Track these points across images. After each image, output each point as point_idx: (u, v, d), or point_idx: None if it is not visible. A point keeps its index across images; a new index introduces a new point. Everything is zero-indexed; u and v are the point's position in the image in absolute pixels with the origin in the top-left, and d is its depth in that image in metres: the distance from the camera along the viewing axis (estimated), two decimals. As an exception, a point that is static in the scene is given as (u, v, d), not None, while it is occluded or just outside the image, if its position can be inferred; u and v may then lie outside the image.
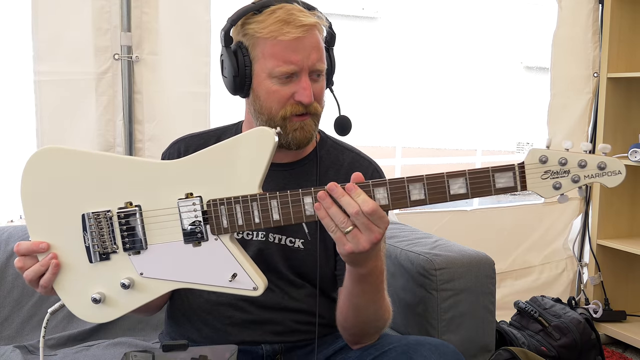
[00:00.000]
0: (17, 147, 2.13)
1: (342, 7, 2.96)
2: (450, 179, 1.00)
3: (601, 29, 2.86)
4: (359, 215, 1.00)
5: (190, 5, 2.11)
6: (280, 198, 1.06)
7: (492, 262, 1.79)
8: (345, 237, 1.02)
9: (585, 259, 3.00)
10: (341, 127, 1.37)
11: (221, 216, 1.08)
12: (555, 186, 0.96)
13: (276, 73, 1.23)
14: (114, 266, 1.12)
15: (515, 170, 0.98)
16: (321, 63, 1.27)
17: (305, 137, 1.28)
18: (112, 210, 1.11)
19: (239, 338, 1.34)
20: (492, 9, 2.94)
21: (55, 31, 1.93)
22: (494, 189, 0.99)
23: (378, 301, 1.24)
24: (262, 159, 1.07)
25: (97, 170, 1.13)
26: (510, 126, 4.19)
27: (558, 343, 2.30)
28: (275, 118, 1.26)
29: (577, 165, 0.95)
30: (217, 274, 1.09)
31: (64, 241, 1.13)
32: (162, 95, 2.10)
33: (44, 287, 1.14)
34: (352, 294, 1.21)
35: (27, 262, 1.14)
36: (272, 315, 1.35)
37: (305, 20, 1.23)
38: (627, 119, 2.89)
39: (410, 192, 1.01)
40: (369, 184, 1.02)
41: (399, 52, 2.83)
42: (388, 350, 1.24)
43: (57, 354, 1.66)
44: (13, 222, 2.18)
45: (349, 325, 1.28)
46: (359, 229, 1.01)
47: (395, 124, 2.91)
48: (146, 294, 1.12)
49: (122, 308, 1.13)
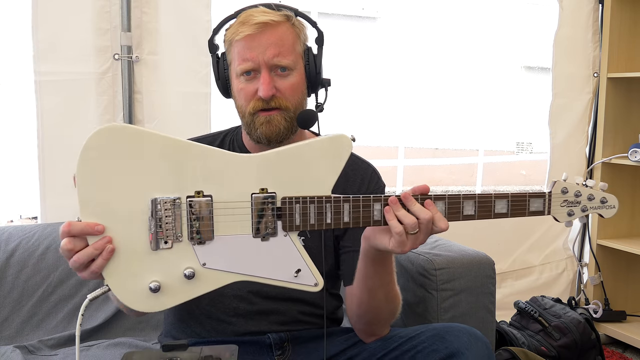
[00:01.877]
0: (17, 147, 2.13)
1: (342, 7, 2.95)
2: (496, 199, 1.14)
3: (601, 29, 2.86)
4: (428, 222, 1.09)
5: (190, 5, 2.11)
6: (352, 202, 1.11)
7: (492, 262, 1.79)
8: (408, 238, 1.10)
9: (585, 259, 3.00)
10: (303, 121, 1.35)
11: (294, 214, 1.10)
12: (569, 213, 1.18)
13: (238, 71, 1.30)
14: (175, 255, 1.09)
15: (546, 198, 1.16)
16: (282, 58, 1.29)
17: (273, 131, 1.31)
18: (181, 197, 1.08)
19: (245, 328, 1.36)
20: (492, 10, 2.93)
21: (55, 31, 1.93)
22: (528, 211, 1.16)
23: (389, 283, 1.29)
24: (337, 164, 1.11)
25: (167, 154, 1.08)
26: (510, 126, 4.19)
27: (558, 343, 2.30)
28: (245, 114, 1.32)
29: (587, 198, 1.18)
30: (282, 269, 1.11)
31: (124, 225, 1.07)
32: (162, 95, 2.11)
33: (94, 272, 1.07)
34: (366, 276, 1.26)
35: (77, 244, 1.05)
36: (277, 306, 1.38)
37: (260, 19, 1.28)
38: (627, 119, 2.90)
39: (463, 207, 1.14)
40: (432, 196, 1.12)
41: (400, 52, 2.82)
42: (415, 336, 1.29)
43: (58, 354, 1.67)
44: (13, 222, 2.18)
45: (363, 311, 1.32)
46: (421, 231, 1.10)
47: (397, 124, 2.90)
48: (206, 284, 1.10)
49: (178, 298, 1.10)
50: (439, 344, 1.25)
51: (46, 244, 1.83)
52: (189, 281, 1.09)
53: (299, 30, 1.34)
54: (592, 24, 2.87)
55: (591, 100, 2.92)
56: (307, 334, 1.40)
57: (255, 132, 1.32)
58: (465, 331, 1.25)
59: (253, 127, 1.32)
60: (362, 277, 1.27)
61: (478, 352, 1.21)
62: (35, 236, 1.84)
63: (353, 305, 1.34)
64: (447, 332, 1.26)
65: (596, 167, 2.90)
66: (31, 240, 1.83)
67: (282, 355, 1.38)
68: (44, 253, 1.81)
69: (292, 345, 1.39)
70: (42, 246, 1.82)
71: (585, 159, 2.96)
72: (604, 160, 2.86)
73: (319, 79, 1.36)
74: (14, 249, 1.80)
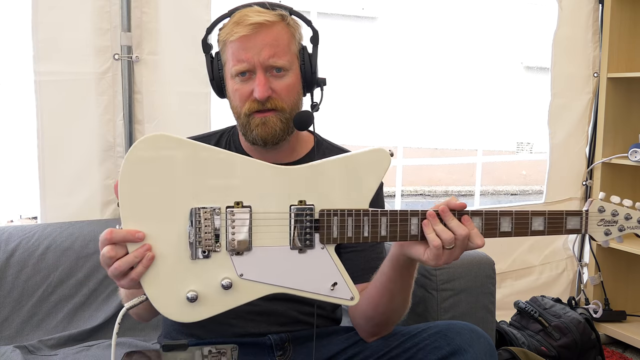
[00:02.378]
0: (17, 147, 2.13)
1: (342, 7, 2.96)
2: (533, 216, 1.14)
3: (601, 29, 2.86)
4: (465, 238, 1.10)
5: (190, 5, 2.11)
6: (390, 215, 1.11)
7: (492, 262, 1.79)
8: (444, 252, 1.10)
9: (585, 259, 3.00)
10: (299, 123, 1.35)
11: (332, 226, 1.10)
12: (606, 233, 1.18)
13: (233, 72, 1.30)
14: (213, 265, 1.09)
15: (583, 216, 1.16)
16: (277, 59, 1.29)
17: (268, 132, 1.31)
18: (221, 207, 1.08)
19: (244, 330, 1.36)
20: (492, 10, 2.94)
21: (55, 31, 1.93)
22: (565, 229, 1.15)
23: (409, 288, 1.29)
24: (375, 179, 1.12)
25: (209, 164, 1.09)
26: (510, 126, 4.20)
27: (558, 343, 2.30)
28: (241, 115, 1.32)
29: (623, 217, 1.18)
30: (319, 281, 1.11)
31: (164, 233, 1.08)
32: (162, 95, 2.10)
33: (133, 280, 1.06)
34: (390, 280, 1.25)
35: (119, 252, 1.05)
36: (276, 306, 1.37)
37: (255, 19, 1.27)
38: (627, 119, 2.90)
39: (500, 224, 1.14)
40: (469, 212, 1.13)
41: (399, 52, 2.83)
42: (417, 334, 1.29)
43: (58, 353, 1.67)
44: (13, 222, 2.18)
45: (378, 314, 1.31)
46: (457, 246, 1.11)
47: (396, 124, 2.91)
48: (243, 295, 1.10)
49: (215, 308, 1.09)
50: (441, 341, 1.25)
51: (46, 244, 1.83)
52: (226, 292, 1.09)
53: (294, 29, 1.33)
54: (592, 23, 2.87)
55: (591, 100, 2.92)
56: (308, 334, 1.39)
57: (251, 133, 1.32)
58: (468, 328, 1.26)
59: (248, 129, 1.32)
60: (386, 280, 1.26)
61: (480, 349, 1.22)
62: (35, 236, 1.84)
63: (365, 307, 1.32)
64: (450, 329, 1.26)
65: (596, 167, 2.90)
66: (31, 240, 1.83)
67: (283, 355, 1.38)
68: (44, 253, 1.82)
69: (293, 345, 1.39)
70: (42, 246, 1.82)
71: (585, 159, 2.97)
72: (604, 160, 2.86)
73: (314, 78, 1.36)
74: (14, 249, 1.80)
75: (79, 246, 1.85)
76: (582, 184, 2.97)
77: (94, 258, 1.85)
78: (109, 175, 2.06)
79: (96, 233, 1.88)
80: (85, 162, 2.02)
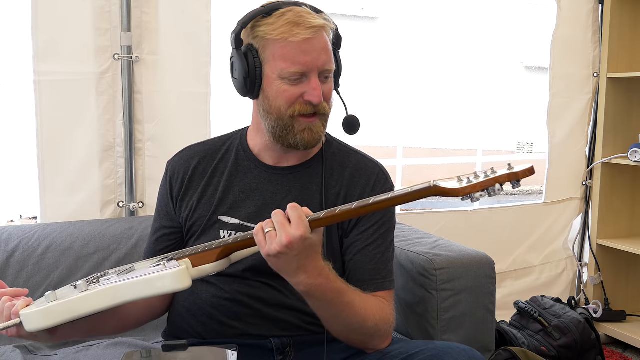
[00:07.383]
0: (17, 147, 2.13)
1: (342, 7, 2.96)
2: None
3: (601, 29, 2.86)
4: (277, 214, 1.08)
5: (191, 5, 2.11)
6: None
7: (492, 262, 1.79)
8: (265, 239, 1.08)
9: (585, 259, 3.00)
10: (350, 126, 1.38)
11: None
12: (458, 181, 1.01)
13: (286, 74, 1.26)
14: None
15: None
16: (330, 64, 1.30)
17: (314, 138, 1.31)
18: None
19: (245, 331, 1.35)
20: (492, 9, 2.94)
21: (55, 31, 1.93)
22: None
23: (341, 315, 1.22)
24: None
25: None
26: (510, 126, 4.20)
27: (558, 343, 2.30)
28: (284, 117, 1.29)
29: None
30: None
31: None
32: (162, 95, 2.10)
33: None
34: (313, 308, 1.22)
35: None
36: (278, 313, 1.36)
37: (314, 22, 1.26)
38: (627, 119, 2.89)
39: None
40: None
41: (399, 52, 2.83)
42: (415, 354, 1.24)
43: (57, 354, 1.67)
44: (13, 222, 2.18)
45: (338, 336, 1.29)
46: (275, 229, 1.07)
47: (396, 124, 2.91)
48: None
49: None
50: None
51: (46, 244, 1.83)
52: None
53: (330, 34, 1.33)
54: (592, 23, 2.87)
55: (591, 100, 2.92)
56: (310, 340, 1.37)
57: (294, 137, 1.30)
58: (465, 353, 1.21)
59: (292, 132, 1.30)
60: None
61: None
62: (35, 236, 1.84)
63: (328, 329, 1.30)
64: (447, 353, 1.21)
65: (596, 167, 2.90)
66: (31, 240, 1.83)
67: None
68: (44, 253, 1.81)
69: (294, 350, 1.37)
70: (42, 246, 1.82)
71: (585, 159, 2.96)
72: (604, 160, 2.86)
73: (338, 83, 1.39)
74: (14, 249, 1.80)
75: (79, 246, 1.85)
76: (582, 184, 2.97)
77: (94, 258, 1.85)
78: (109, 175, 2.06)
79: (96, 233, 1.90)
80: (85, 162, 2.03)
